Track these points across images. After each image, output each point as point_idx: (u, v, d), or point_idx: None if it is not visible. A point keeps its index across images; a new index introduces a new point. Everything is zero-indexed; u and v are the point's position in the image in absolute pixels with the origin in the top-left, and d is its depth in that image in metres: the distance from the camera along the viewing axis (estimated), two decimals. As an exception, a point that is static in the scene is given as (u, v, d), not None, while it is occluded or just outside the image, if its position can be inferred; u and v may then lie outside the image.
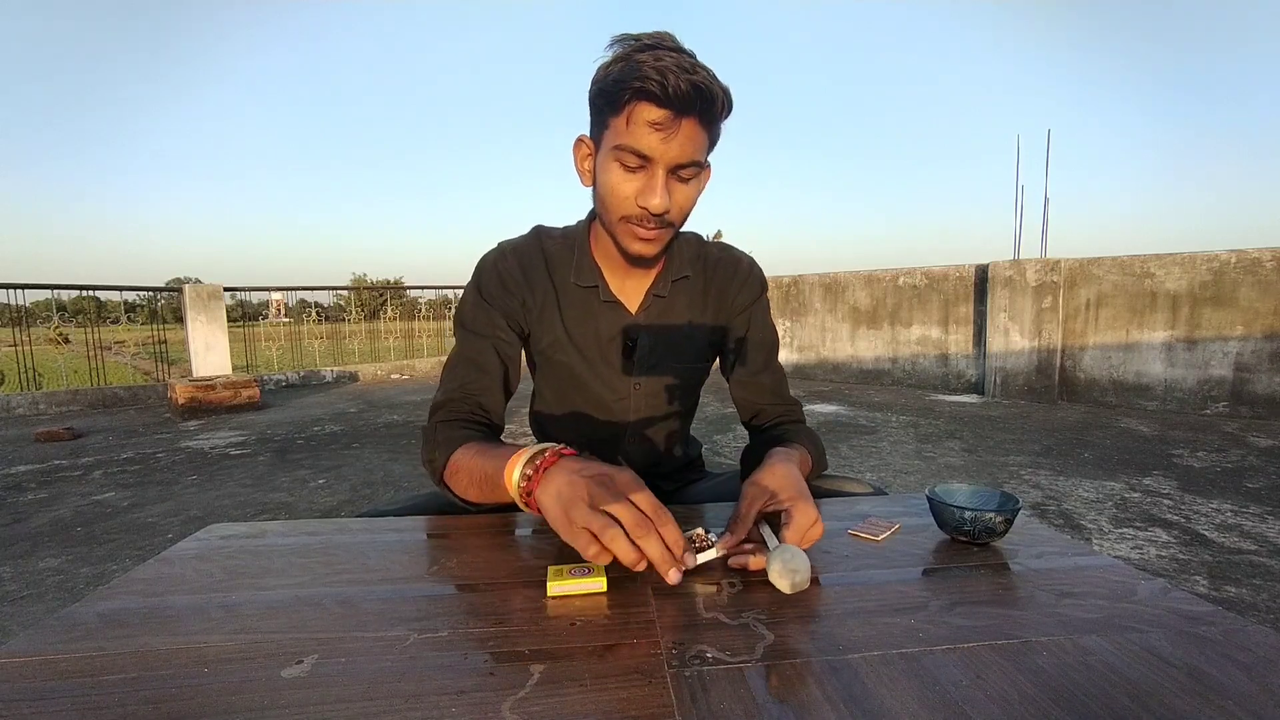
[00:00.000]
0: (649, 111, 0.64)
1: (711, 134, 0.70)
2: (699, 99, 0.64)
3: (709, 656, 0.43)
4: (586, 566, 0.54)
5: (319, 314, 8.68)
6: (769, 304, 0.91)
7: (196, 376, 5.80)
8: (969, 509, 0.60)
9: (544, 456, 0.58)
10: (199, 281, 7.38)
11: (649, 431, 0.87)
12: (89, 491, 2.94)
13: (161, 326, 6.76)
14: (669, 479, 0.95)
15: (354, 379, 7.37)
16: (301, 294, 9.48)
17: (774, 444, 0.78)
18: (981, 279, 5.52)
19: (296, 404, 5.65)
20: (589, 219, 0.83)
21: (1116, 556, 1.91)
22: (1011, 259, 5.34)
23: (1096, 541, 2.14)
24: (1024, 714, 0.37)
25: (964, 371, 5.69)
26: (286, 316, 9.12)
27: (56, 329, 6.87)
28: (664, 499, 0.56)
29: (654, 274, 0.82)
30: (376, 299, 11.13)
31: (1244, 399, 4.30)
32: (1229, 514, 2.39)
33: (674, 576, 0.51)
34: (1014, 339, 5.17)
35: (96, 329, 6.14)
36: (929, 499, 0.64)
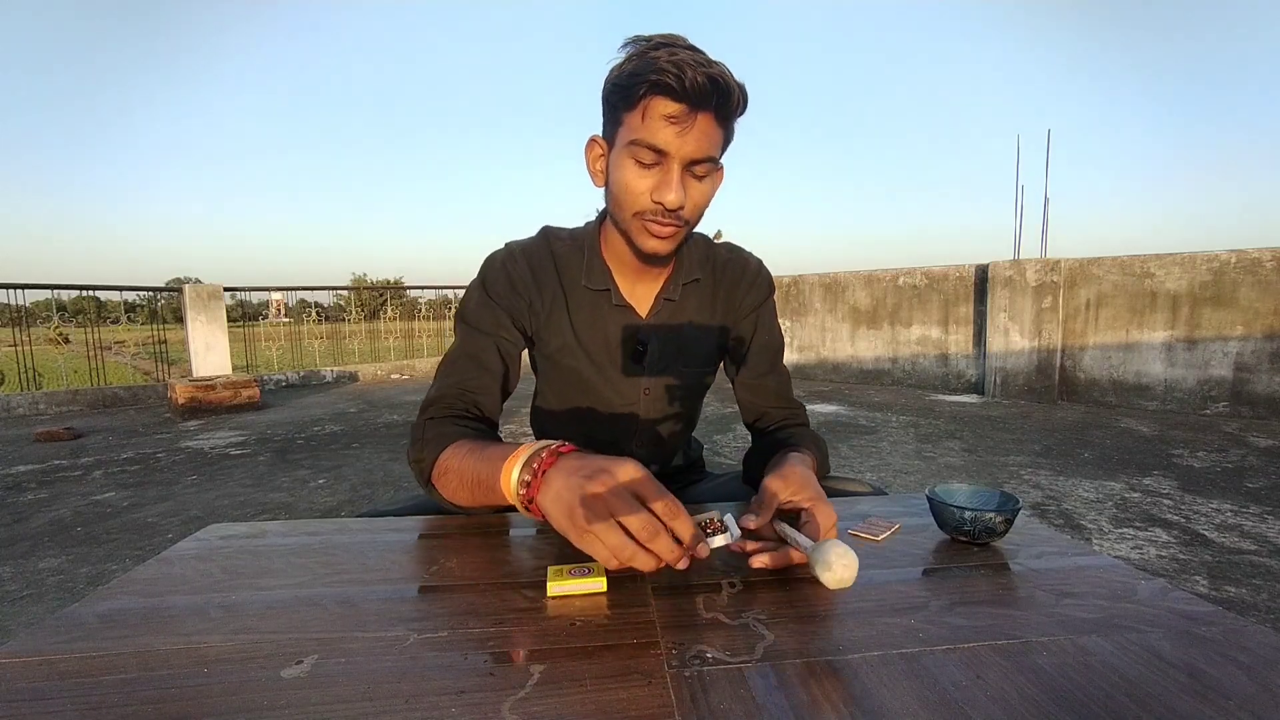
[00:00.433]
0: (665, 105, 0.63)
1: (726, 131, 0.69)
2: (716, 93, 0.63)
3: (709, 656, 0.43)
4: (586, 566, 0.54)
5: (319, 314, 8.68)
6: (776, 306, 0.91)
7: (196, 376, 5.80)
8: (969, 509, 0.61)
9: (540, 458, 0.55)
10: (199, 281, 7.38)
11: (655, 435, 0.86)
12: (89, 491, 2.94)
13: (161, 326, 6.76)
14: (671, 480, 0.95)
15: (354, 379, 7.37)
16: (301, 294, 9.49)
17: (779, 447, 0.78)
18: (981, 279, 5.52)
19: (296, 404, 5.65)
20: (599, 220, 0.82)
21: (1116, 556, 1.91)
22: (1011, 259, 5.34)
23: (1096, 541, 2.14)
24: (1024, 714, 0.37)
25: (964, 371, 5.69)
26: (286, 316, 9.12)
27: (56, 329, 6.86)
28: None
29: (664, 277, 0.81)
30: (376, 299, 11.13)
31: (1244, 399, 4.29)
32: (1229, 514, 2.39)
33: (683, 564, 0.50)
34: (1014, 339, 5.16)
35: (96, 329, 6.13)
36: (929, 499, 0.64)
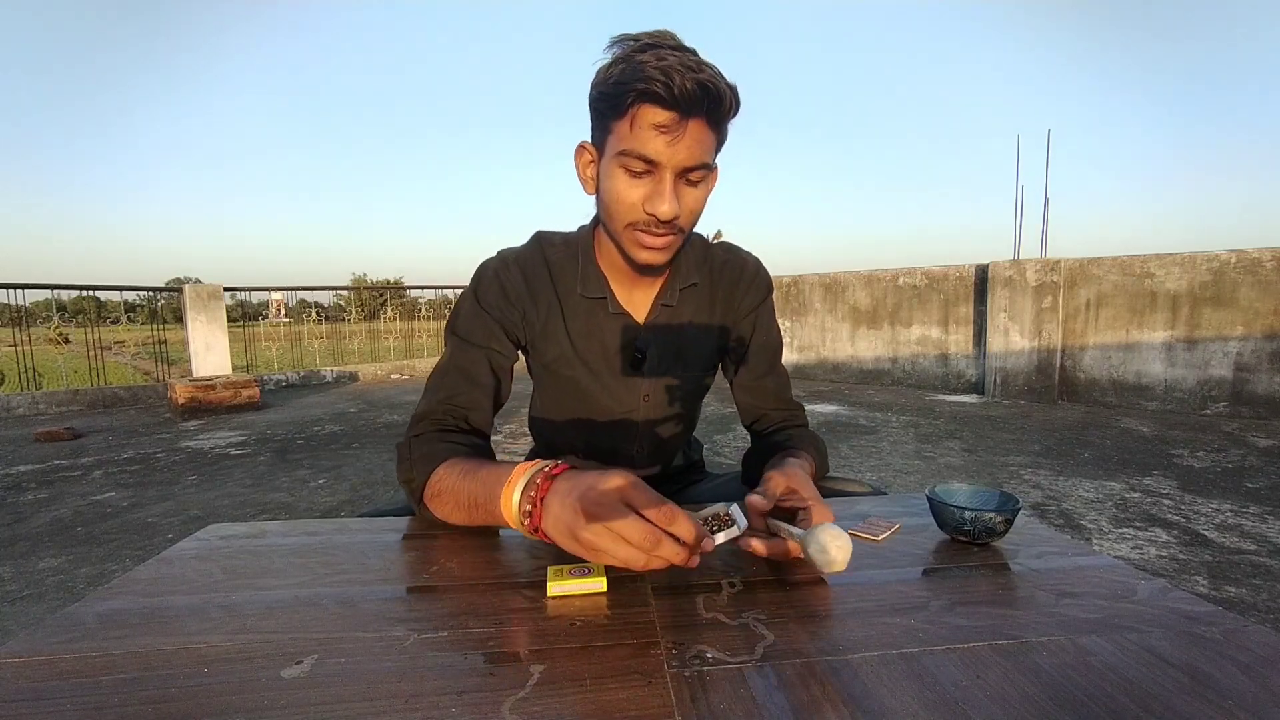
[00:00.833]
0: (654, 114, 0.62)
1: (719, 134, 0.67)
2: (706, 99, 0.61)
3: (709, 656, 0.43)
4: (586, 566, 0.54)
5: (319, 314, 8.68)
6: (774, 306, 0.89)
7: (196, 376, 5.80)
8: (969, 509, 0.60)
9: (536, 485, 0.55)
10: (199, 281, 7.38)
11: (655, 438, 0.86)
12: (89, 491, 2.94)
13: (161, 326, 6.76)
14: (671, 481, 0.94)
15: (354, 379, 7.37)
16: (301, 294, 9.48)
17: (778, 449, 0.78)
18: (981, 279, 5.52)
19: (296, 404, 5.65)
20: (593, 225, 0.80)
21: (1116, 556, 1.91)
22: (1011, 259, 5.34)
23: (1096, 541, 2.14)
24: (1024, 714, 0.36)
25: (964, 371, 5.69)
26: (286, 316, 9.12)
27: (56, 329, 6.86)
28: None
29: (661, 281, 0.80)
30: (376, 299, 11.13)
31: (1244, 399, 4.29)
32: (1229, 514, 2.39)
33: (693, 562, 0.50)
34: (1014, 339, 5.16)
35: (96, 329, 6.13)
36: (929, 499, 0.64)
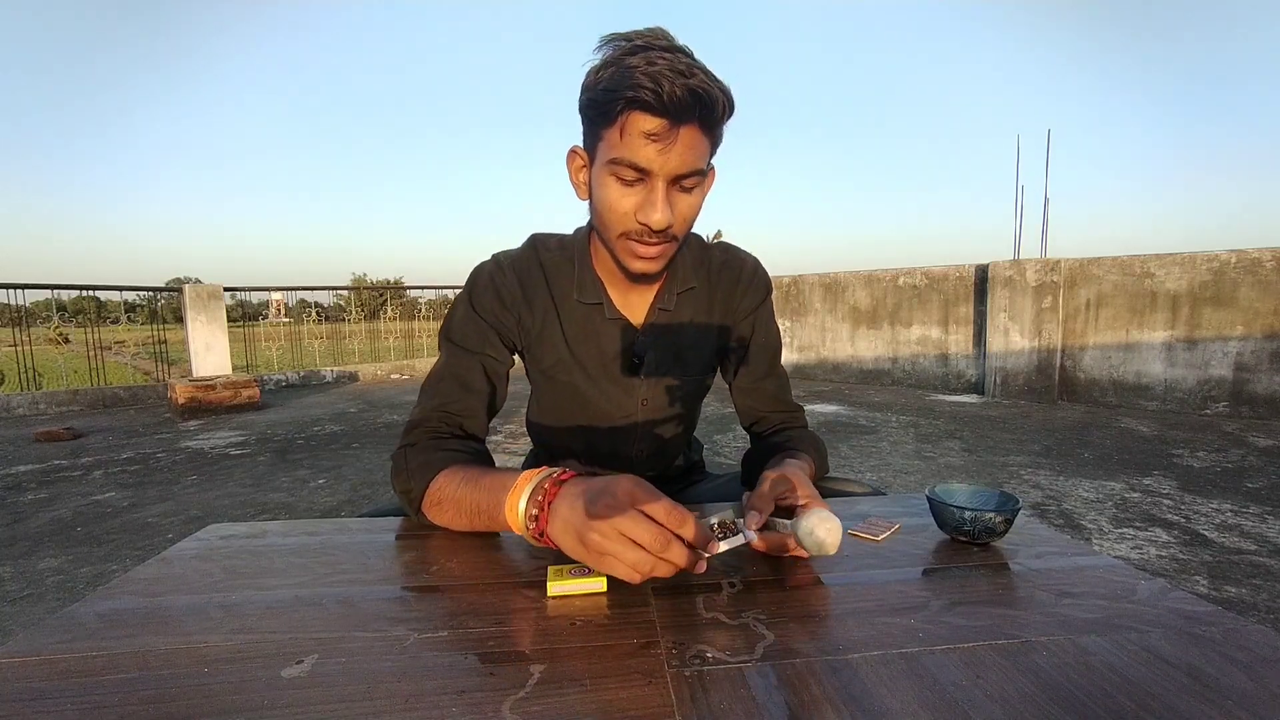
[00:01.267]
0: (644, 121, 0.60)
1: (713, 138, 0.66)
2: (697, 105, 0.60)
3: (709, 656, 0.43)
4: (586, 566, 0.54)
5: (319, 314, 8.69)
6: (773, 307, 0.89)
7: (196, 376, 5.80)
8: (969, 509, 0.60)
9: (544, 489, 0.55)
10: (199, 281, 7.38)
11: (655, 441, 0.85)
12: (89, 491, 2.94)
13: (161, 326, 6.76)
14: (671, 482, 0.94)
15: (354, 379, 7.37)
16: (301, 294, 9.49)
17: (778, 450, 0.77)
18: (981, 279, 5.52)
19: (296, 404, 5.65)
20: (589, 228, 0.79)
21: (1116, 556, 1.91)
22: (1011, 259, 5.34)
23: (1096, 541, 2.14)
24: (1024, 714, 0.37)
25: (964, 371, 5.69)
26: (286, 316, 9.12)
27: (56, 329, 6.87)
28: None
29: (658, 286, 0.79)
30: (376, 299, 11.13)
31: (1244, 399, 4.29)
32: (1229, 514, 2.39)
33: (700, 567, 0.51)
34: (1014, 339, 5.16)
35: (96, 329, 6.14)
36: (929, 499, 0.64)
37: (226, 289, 6.56)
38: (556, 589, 0.51)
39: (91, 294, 6.62)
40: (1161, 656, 0.42)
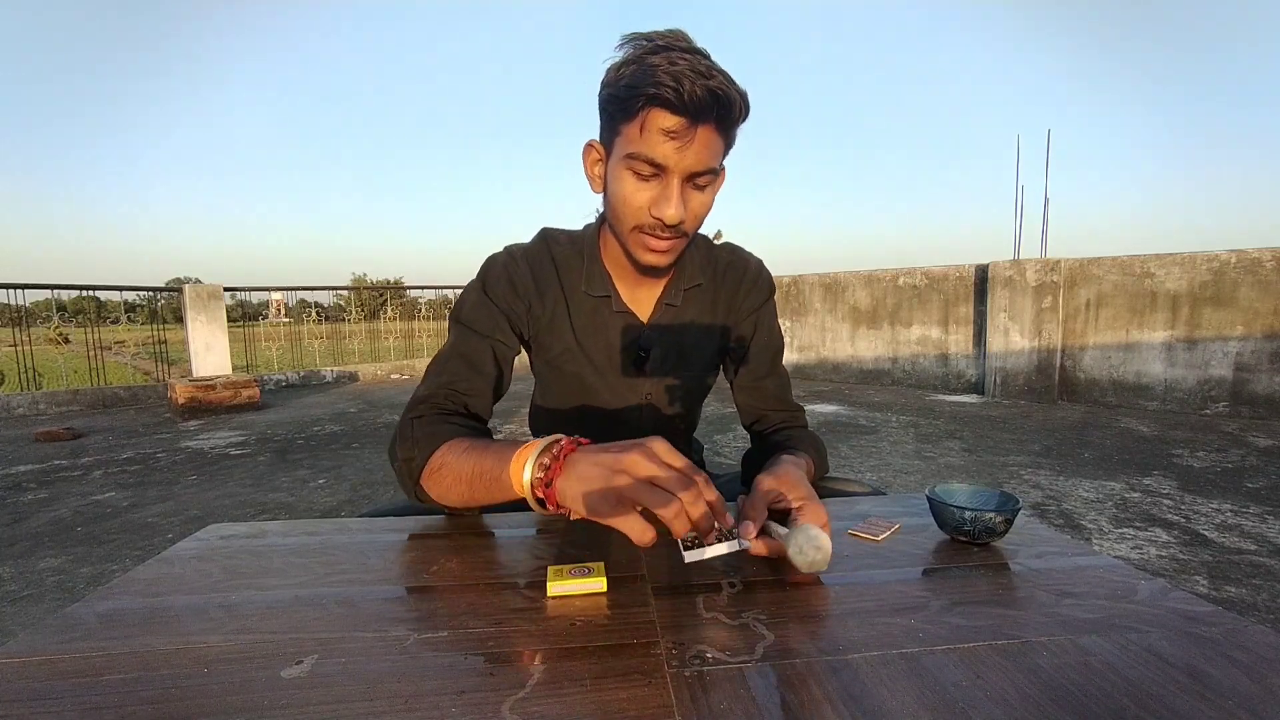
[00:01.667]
0: (664, 119, 0.62)
1: (728, 139, 0.67)
2: (716, 105, 0.62)
3: (709, 656, 0.43)
4: (587, 567, 0.54)
5: (319, 314, 8.68)
6: (776, 307, 0.90)
7: (196, 376, 5.80)
8: (969, 509, 0.60)
9: (560, 445, 0.55)
10: (199, 281, 7.38)
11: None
12: (89, 491, 2.94)
13: (161, 326, 6.76)
14: None
15: (354, 379, 7.37)
16: (301, 294, 9.48)
17: (777, 449, 0.77)
18: (981, 279, 5.52)
19: (296, 404, 5.65)
20: (598, 224, 0.81)
21: (1116, 556, 1.91)
22: (1011, 259, 5.34)
23: (1096, 541, 2.14)
24: (1024, 714, 0.36)
25: (964, 371, 5.69)
26: (286, 316, 9.12)
27: (56, 329, 6.87)
28: None
29: (665, 281, 0.81)
30: (376, 299, 11.13)
31: (1244, 399, 4.29)
32: (1229, 514, 2.39)
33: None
34: (1014, 339, 5.16)
35: (96, 329, 6.13)
36: (929, 499, 0.64)
37: (226, 289, 6.56)
38: (556, 589, 0.51)
39: (91, 294, 6.62)
40: (1161, 656, 0.42)
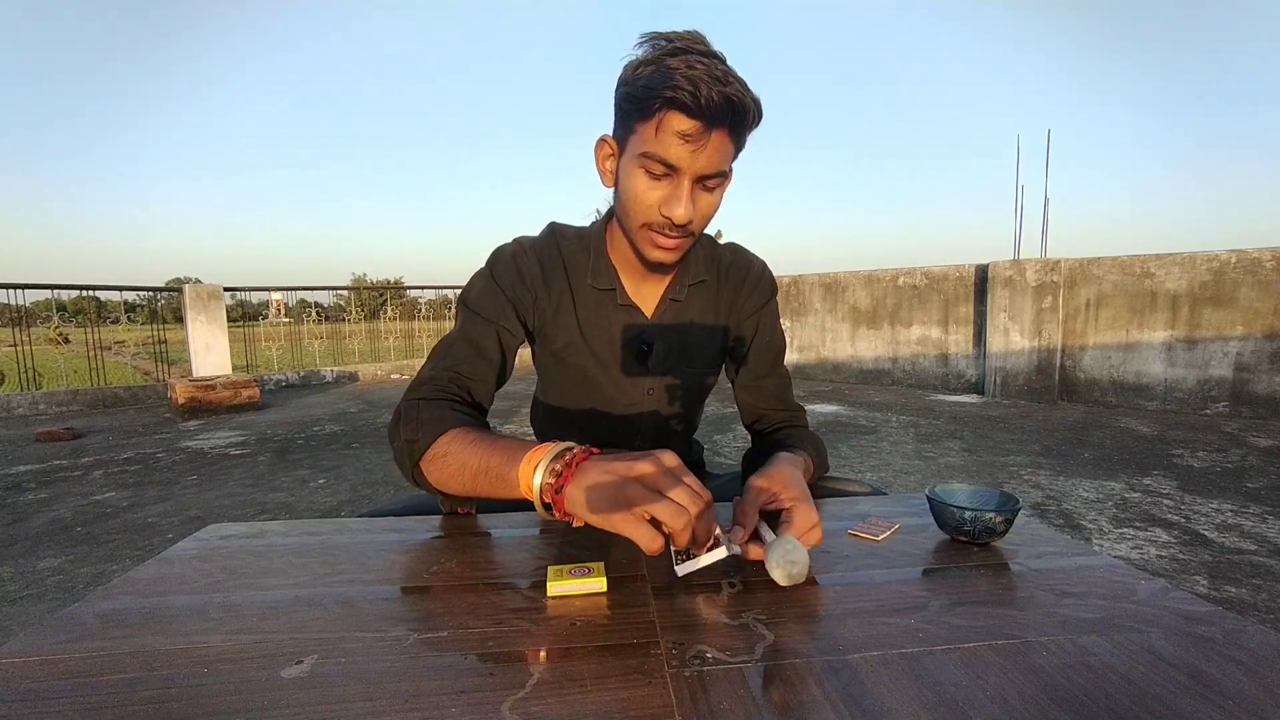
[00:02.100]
0: (679, 122, 0.63)
1: (739, 144, 0.69)
2: (730, 111, 0.63)
3: (709, 656, 0.43)
4: (586, 566, 0.54)
5: (319, 314, 8.68)
6: (778, 308, 0.90)
7: (196, 376, 5.80)
8: (969, 509, 0.60)
9: (573, 453, 0.55)
10: (199, 281, 7.38)
11: (657, 435, 0.86)
12: (89, 491, 2.94)
13: (161, 326, 6.76)
14: None
15: (354, 379, 7.37)
16: (301, 294, 9.48)
17: (777, 449, 0.77)
18: (981, 279, 5.52)
19: (296, 404, 5.65)
20: (605, 219, 0.82)
21: (1116, 556, 1.91)
22: (1011, 259, 5.34)
23: (1096, 541, 2.14)
24: (1024, 714, 0.36)
25: (964, 371, 5.69)
26: (286, 316, 9.11)
27: (56, 329, 6.87)
28: None
29: (670, 277, 0.82)
30: (376, 299, 11.13)
31: (1244, 399, 4.29)
32: (1229, 514, 2.39)
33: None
34: (1014, 339, 5.16)
35: (96, 329, 6.13)
36: (929, 499, 0.64)
37: (226, 289, 6.56)
38: (556, 589, 0.51)
39: (91, 294, 6.62)
40: (1161, 656, 0.42)
